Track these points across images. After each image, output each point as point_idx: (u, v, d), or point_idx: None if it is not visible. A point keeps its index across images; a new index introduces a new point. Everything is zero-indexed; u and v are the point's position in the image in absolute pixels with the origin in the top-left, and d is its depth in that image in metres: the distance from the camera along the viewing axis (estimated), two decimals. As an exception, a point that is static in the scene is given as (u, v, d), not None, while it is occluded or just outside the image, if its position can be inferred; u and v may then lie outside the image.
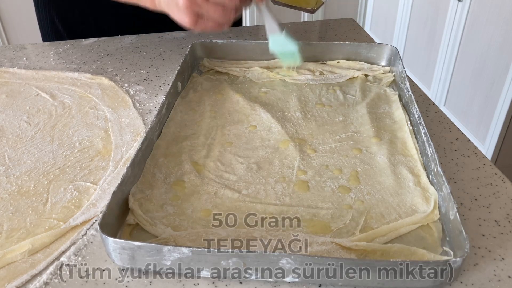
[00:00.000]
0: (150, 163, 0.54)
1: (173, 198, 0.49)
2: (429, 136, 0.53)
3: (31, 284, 0.41)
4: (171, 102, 0.64)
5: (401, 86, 0.67)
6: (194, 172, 0.53)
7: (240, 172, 0.53)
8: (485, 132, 1.63)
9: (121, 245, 0.40)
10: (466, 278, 0.41)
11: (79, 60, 0.81)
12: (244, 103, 0.66)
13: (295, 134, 0.60)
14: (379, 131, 0.60)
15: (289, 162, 0.54)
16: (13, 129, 0.62)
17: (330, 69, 0.74)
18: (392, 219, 0.47)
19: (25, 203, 0.50)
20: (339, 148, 0.57)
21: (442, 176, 0.47)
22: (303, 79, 0.72)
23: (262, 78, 0.73)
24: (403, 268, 0.38)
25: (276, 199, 0.49)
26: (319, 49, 0.75)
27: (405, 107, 0.64)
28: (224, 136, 0.59)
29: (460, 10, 1.68)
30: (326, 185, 0.51)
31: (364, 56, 0.75)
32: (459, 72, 1.75)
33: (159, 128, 0.59)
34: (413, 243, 0.44)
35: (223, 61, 0.77)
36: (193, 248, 0.39)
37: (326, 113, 0.64)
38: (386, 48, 0.74)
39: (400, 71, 0.69)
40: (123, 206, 0.47)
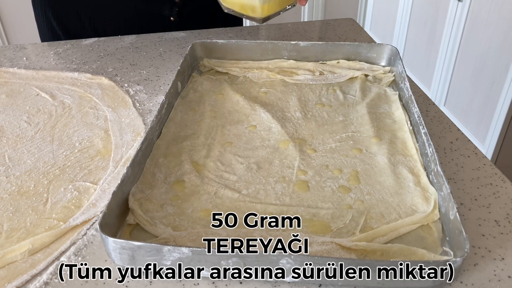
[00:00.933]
0: (150, 163, 0.54)
1: (173, 198, 0.49)
2: (429, 136, 0.53)
3: (31, 284, 0.41)
4: (171, 102, 0.64)
5: (401, 86, 0.67)
6: (194, 172, 0.53)
7: (240, 172, 0.53)
8: (485, 132, 1.63)
9: (121, 245, 0.40)
10: (466, 278, 0.41)
11: (79, 60, 0.81)
12: (244, 103, 0.66)
13: (295, 134, 0.60)
14: (379, 131, 0.60)
15: (289, 162, 0.54)
16: (13, 129, 0.62)
17: (330, 69, 0.74)
18: (392, 219, 0.47)
19: (25, 203, 0.50)
20: (339, 148, 0.57)
21: (442, 176, 0.47)
22: (303, 79, 0.72)
23: (262, 78, 0.73)
24: (403, 268, 0.38)
25: (276, 199, 0.49)
26: (319, 49, 0.75)
27: (405, 107, 0.64)
28: (224, 136, 0.59)
29: (460, 10, 1.68)
30: (326, 185, 0.51)
31: (364, 56, 0.75)
32: (459, 72, 1.75)
33: (159, 128, 0.59)
34: (413, 243, 0.44)
35: (223, 61, 0.77)
36: (193, 248, 0.39)
37: (326, 113, 0.64)
38: (386, 48, 0.74)
39: (400, 71, 0.69)
40: (123, 206, 0.47)
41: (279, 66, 0.76)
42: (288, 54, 0.76)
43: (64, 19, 0.91)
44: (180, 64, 0.69)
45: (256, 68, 0.76)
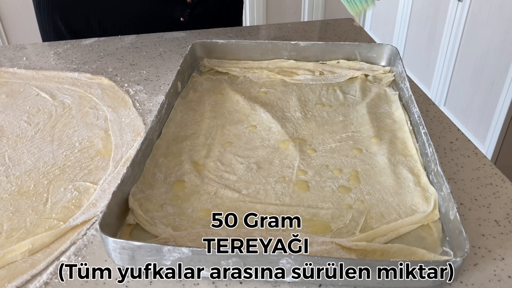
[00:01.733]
0: (150, 163, 0.54)
1: (173, 198, 0.49)
2: (429, 136, 0.53)
3: (31, 284, 0.41)
4: (171, 102, 0.64)
5: (401, 86, 0.67)
6: (194, 172, 0.53)
7: (240, 172, 0.53)
8: (485, 132, 1.63)
9: (121, 245, 0.40)
10: (466, 278, 0.41)
11: (79, 60, 0.81)
12: (244, 103, 0.66)
13: (295, 134, 0.60)
14: (379, 131, 0.60)
15: (289, 162, 0.54)
16: (13, 129, 0.62)
17: (330, 69, 0.74)
18: (392, 219, 0.47)
19: (25, 203, 0.50)
20: (339, 148, 0.57)
21: (442, 176, 0.47)
22: (303, 79, 0.72)
23: (262, 78, 0.73)
24: (403, 268, 0.38)
25: (276, 199, 0.49)
26: (319, 49, 0.75)
27: (405, 107, 0.64)
28: (224, 136, 0.59)
29: (460, 10, 1.68)
30: (326, 185, 0.51)
31: (364, 56, 0.75)
32: (459, 72, 1.75)
33: (159, 128, 0.59)
34: (413, 243, 0.44)
35: (223, 61, 0.77)
36: (193, 248, 0.39)
37: (326, 113, 0.64)
38: (386, 48, 0.74)
39: (400, 71, 0.69)
40: (123, 206, 0.47)
41: (279, 66, 0.76)
42: (288, 54, 0.76)
43: (72, 22, 0.91)
44: (180, 64, 0.69)
45: (256, 68, 0.76)
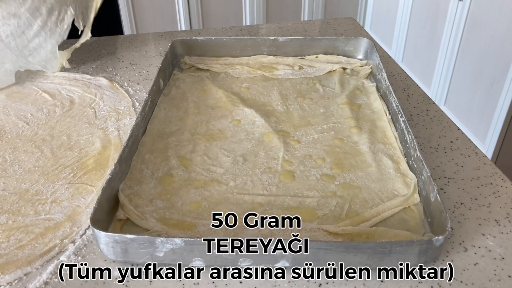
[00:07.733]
0: (136, 160, 0.54)
1: (162, 192, 0.50)
2: (407, 123, 0.54)
3: (31, 284, 0.41)
4: (154, 99, 0.65)
5: (378, 78, 0.69)
6: (181, 167, 0.53)
7: (226, 165, 0.54)
8: (485, 132, 1.61)
9: (113, 239, 0.41)
10: (466, 277, 0.41)
11: (79, 59, 0.81)
12: (227, 98, 0.67)
13: (278, 126, 0.61)
14: (359, 122, 0.62)
15: (274, 154, 0.56)
16: (13, 129, 0.62)
17: (309, 64, 0.76)
18: (375, 204, 0.48)
19: (25, 203, 0.50)
20: (322, 138, 0.58)
21: (422, 161, 0.48)
22: (283, 74, 0.74)
23: (243, 74, 0.74)
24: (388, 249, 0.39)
25: (263, 189, 0.50)
26: (297, 44, 0.77)
27: (383, 97, 0.66)
28: (209, 131, 0.60)
29: (460, 9, 1.67)
30: (310, 174, 0.53)
31: (341, 50, 0.77)
32: (459, 71, 1.73)
33: (144, 125, 0.60)
34: (396, 226, 0.46)
35: (203, 58, 0.78)
36: (186, 238, 0.40)
37: (307, 105, 0.66)
38: (363, 42, 0.76)
39: (377, 63, 0.71)
40: (112, 202, 0.47)
41: (259, 61, 0.77)
42: (267, 49, 0.77)
43: None
44: (161, 62, 0.69)
45: (237, 64, 0.77)
